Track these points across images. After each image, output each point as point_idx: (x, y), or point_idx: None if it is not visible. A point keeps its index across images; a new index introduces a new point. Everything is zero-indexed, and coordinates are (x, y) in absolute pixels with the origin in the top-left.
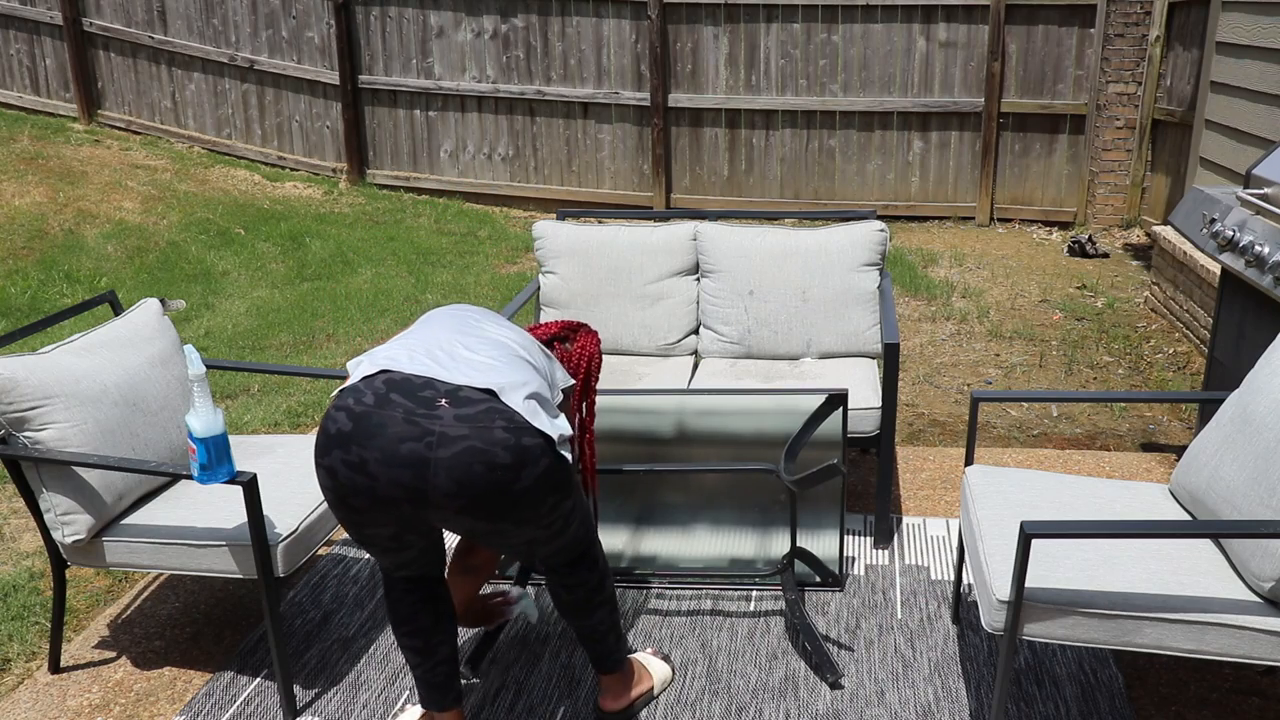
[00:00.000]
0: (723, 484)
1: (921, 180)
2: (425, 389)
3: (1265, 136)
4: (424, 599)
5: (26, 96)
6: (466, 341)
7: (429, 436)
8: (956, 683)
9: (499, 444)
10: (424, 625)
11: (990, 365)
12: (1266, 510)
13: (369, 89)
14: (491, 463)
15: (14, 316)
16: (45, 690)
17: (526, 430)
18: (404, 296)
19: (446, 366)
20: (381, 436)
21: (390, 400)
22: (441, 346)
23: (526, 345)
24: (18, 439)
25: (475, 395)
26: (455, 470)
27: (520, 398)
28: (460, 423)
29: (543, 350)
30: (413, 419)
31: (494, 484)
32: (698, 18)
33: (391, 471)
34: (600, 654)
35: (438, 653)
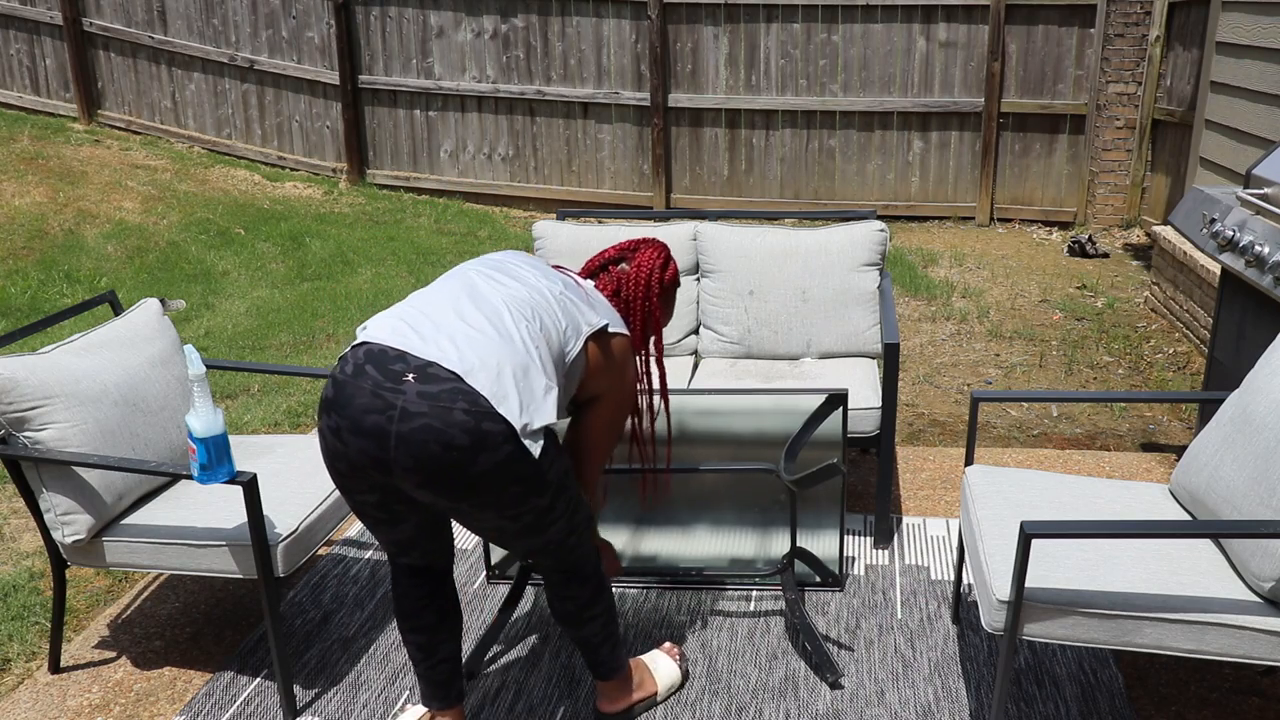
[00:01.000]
0: (723, 484)
1: (921, 180)
2: (397, 362)
3: (1265, 136)
4: (429, 595)
5: (26, 96)
6: (462, 307)
7: (391, 410)
8: (956, 683)
9: (457, 425)
10: (428, 622)
11: (990, 365)
12: (1266, 510)
13: (369, 89)
14: (448, 444)
15: (14, 316)
16: (45, 690)
17: (489, 415)
18: (404, 296)
19: (427, 338)
20: (351, 406)
21: (364, 372)
22: (431, 315)
23: (538, 303)
24: (18, 439)
25: (443, 374)
26: (412, 446)
27: (490, 379)
28: (422, 399)
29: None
30: (379, 392)
31: (450, 464)
32: (698, 18)
33: (358, 440)
34: (593, 661)
35: (440, 650)
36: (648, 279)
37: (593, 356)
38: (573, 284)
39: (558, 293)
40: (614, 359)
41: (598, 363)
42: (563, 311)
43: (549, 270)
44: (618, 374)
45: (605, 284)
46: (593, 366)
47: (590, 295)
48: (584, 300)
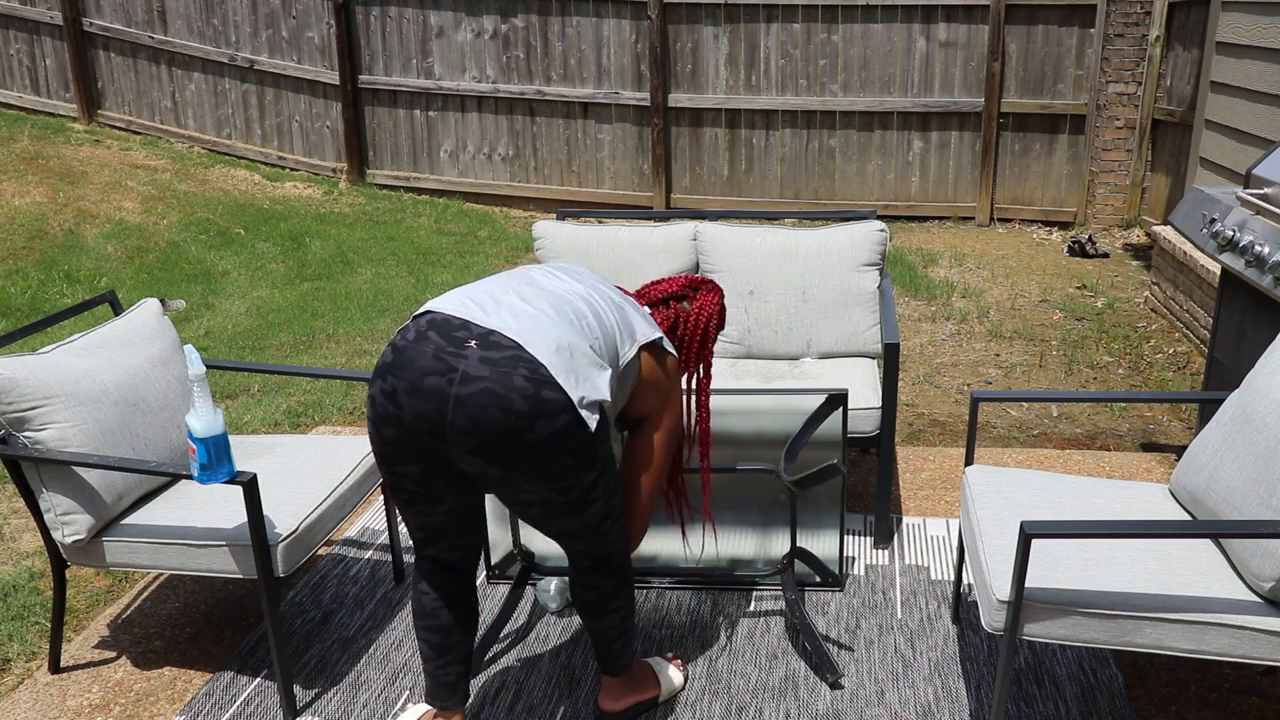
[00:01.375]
0: (723, 484)
1: (921, 180)
2: (460, 330)
3: (1265, 136)
4: (450, 596)
5: (26, 96)
6: (523, 291)
7: (452, 373)
8: (956, 683)
9: (516, 391)
10: (445, 622)
11: (990, 365)
12: (1266, 510)
13: (369, 89)
14: (507, 408)
15: (14, 316)
16: (45, 690)
17: (548, 383)
18: (404, 296)
19: (489, 311)
20: (411, 368)
21: (426, 337)
22: (494, 293)
23: (596, 301)
24: (18, 439)
25: (505, 341)
26: (471, 409)
27: (550, 350)
28: (483, 364)
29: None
30: (441, 355)
31: (507, 429)
32: (698, 18)
33: (414, 402)
34: (605, 655)
35: (453, 652)
36: (706, 323)
37: (646, 367)
38: (632, 300)
39: (616, 298)
40: (666, 375)
41: (650, 375)
42: (619, 315)
43: (609, 284)
44: (667, 394)
45: (664, 317)
46: (645, 377)
47: (645, 314)
48: (639, 313)
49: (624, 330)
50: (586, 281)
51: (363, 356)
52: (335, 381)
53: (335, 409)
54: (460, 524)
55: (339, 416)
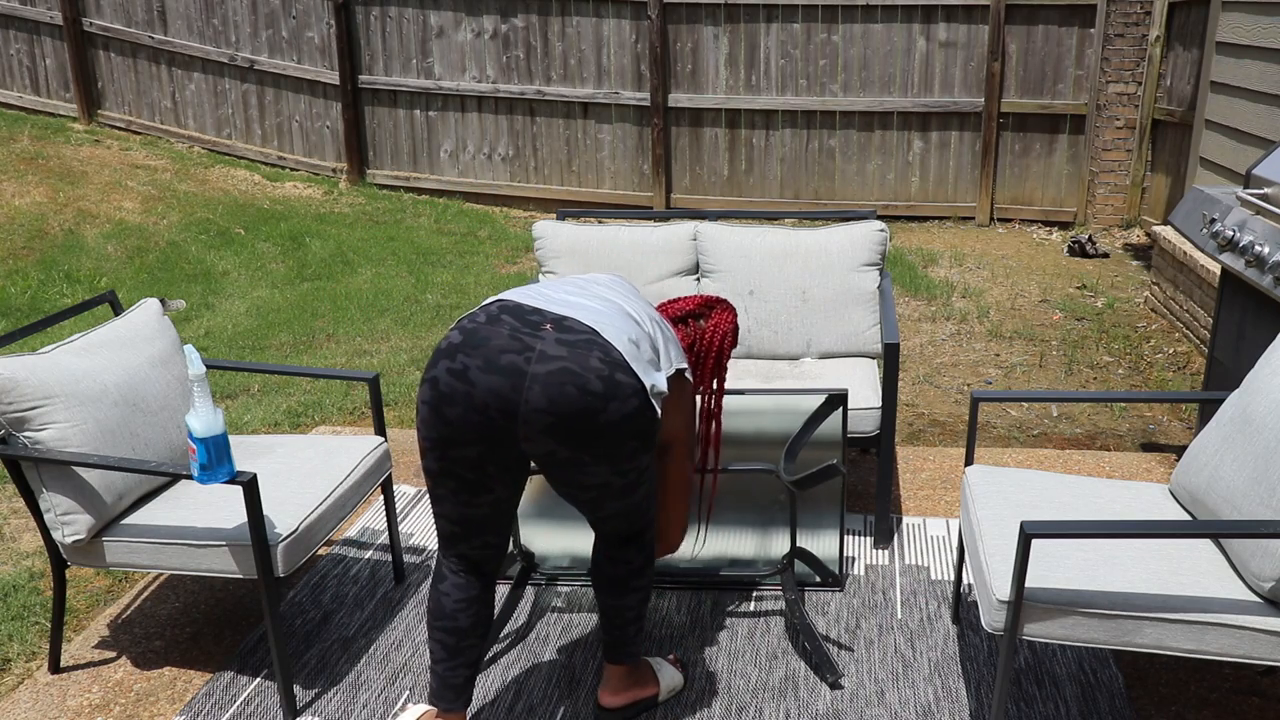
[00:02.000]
0: (723, 484)
1: (921, 180)
2: (533, 314)
3: (1265, 136)
4: (470, 600)
5: (26, 96)
6: (589, 290)
7: (529, 351)
8: (956, 683)
9: (593, 371)
10: (462, 625)
11: (990, 365)
12: (1266, 510)
13: (369, 89)
14: (583, 387)
15: (14, 316)
16: (45, 690)
17: (622, 367)
18: (404, 296)
19: (557, 303)
20: (486, 346)
21: (500, 319)
22: (557, 292)
23: (644, 315)
24: (18, 439)
25: (579, 326)
26: (549, 387)
27: (624, 340)
28: (560, 345)
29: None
30: (517, 335)
31: (583, 408)
32: (698, 18)
33: (489, 378)
34: (616, 640)
35: (464, 655)
36: (721, 340)
37: (674, 391)
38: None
39: (657, 319)
40: (687, 399)
41: (674, 399)
42: (663, 336)
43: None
44: (688, 415)
45: (682, 335)
46: (670, 402)
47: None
48: (673, 340)
49: (663, 352)
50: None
51: (363, 356)
52: (335, 381)
53: (335, 409)
54: (498, 519)
55: (339, 416)
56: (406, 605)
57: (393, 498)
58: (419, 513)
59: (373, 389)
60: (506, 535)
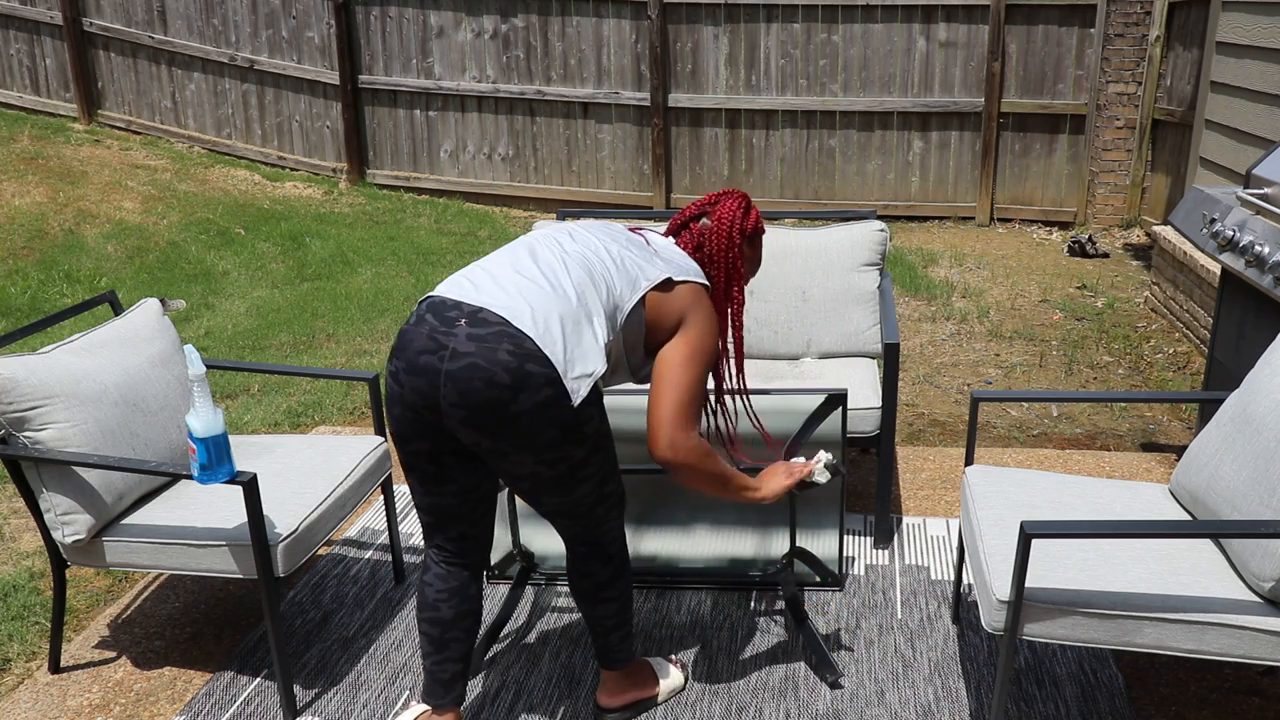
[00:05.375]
0: None
1: (921, 180)
2: (452, 310)
3: (1265, 136)
4: (452, 591)
5: (26, 96)
6: (520, 264)
7: (442, 350)
8: (956, 683)
9: (500, 365)
10: (444, 617)
11: (990, 365)
12: (1266, 510)
13: (369, 89)
14: (490, 380)
15: (14, 316)
16: (45, 690)
17: (533, 357)
18: (404, 296)
19: (482, 289)
20: (410, 349)
21: (424, 319)
22: (491, 270)
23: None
24: (18, 439)
25: (492, 318)
26: (459, 383)
27: (539, 323)
28: (470, 341)
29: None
30: (434, 335)
31: (491, 400)
32: (698, 18)
33: (412, 379)
34: (602, 647)
35: (450, 649)
36: (729, 230)
37: (651, 308)
38: (640, 242)
39: (615, 251)
40: (677, 304)
41: (658, 311)
42: (619, 269)
43: (616, 232)
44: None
45: (687, 241)
46: (652, 318)
47: (660, 251)
48: (646, 258)
49: (625, 285)
50: (586, 243)
51: (363, 356)
52: (335, 381)
53: (335, 409)
54: (469, 510)
55: (339, 416)
56: (406, 605)
57: (393, 498)
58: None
59: (373, 389)
60: (483, 528)
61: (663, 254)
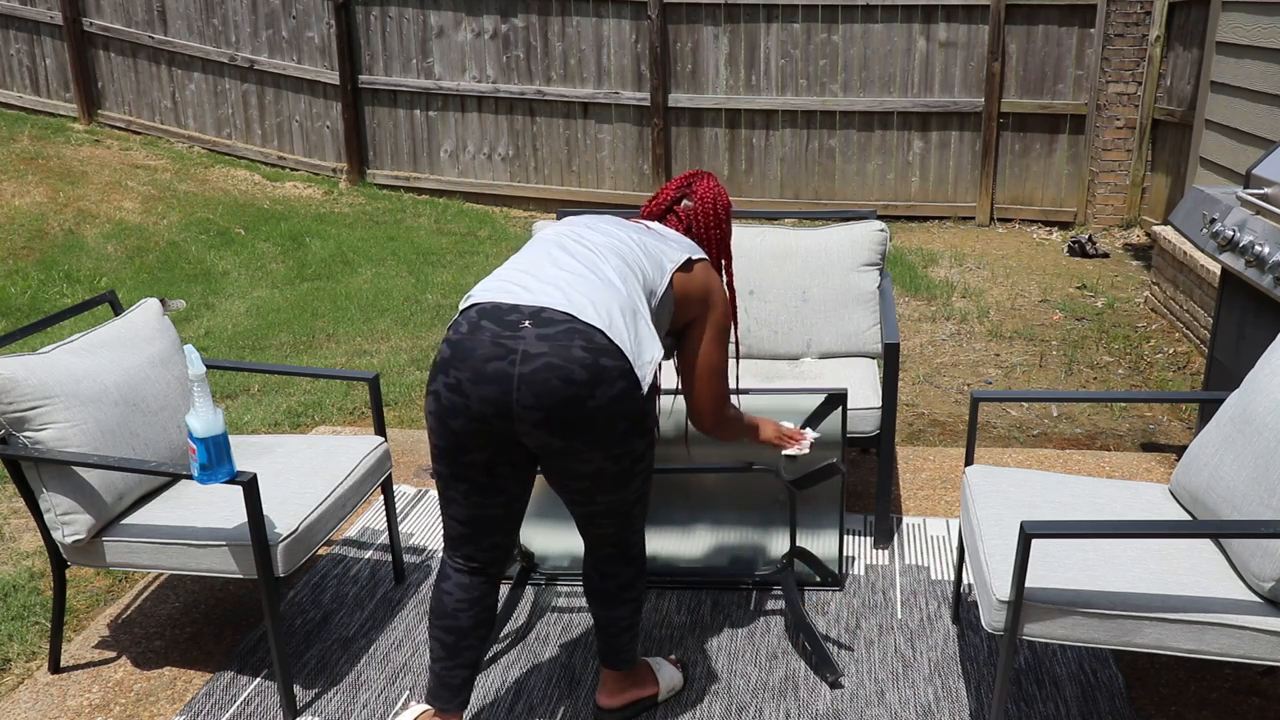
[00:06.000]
0: (723, 484)
1: (921, 180)
2: (511, 313)
3: (1265, 136)
4: (472, 601)
5: (26, 96)
6: (557, 259)
7: (512, 355)
8: (956, 683)
9: (576, 361)
10: (463, 625)
11: (990, 365)
12: (1266, 510)
13: (369, 89)
14: (568, 378)
15: (14, 316)
16: (45, 690)
17: (605, 351)
18: (404, 296)
19: (533, 289)
20: (472, 358)
21: (480, 326)
22: (531, 269)
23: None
24: (18, 439)
25: (557, 316)
26: (535, 384)
27: (602, 316)
28: (541, 341)
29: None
30: (499, 340)
31: (569, 398)
32: (698, 18)
33: (480, 388)
34: (610, 648)
35: (463, 655)
36: (714, 208)
37: (679, 288)
38: (645, 228)
39: (636, 238)
40: (699, 282)
41: (685, 291)
42: (645, 254)
43: (622, 222)
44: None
45: (675, 224)
46: (680, 297)
47: (665, 235)
48: (660, 241)
49: (654, 267)
50: (609, 233)
51: (362, 356)
52: (335, 381)
53: (335, 409)
54: (509, 520)
55: (339, 416)
56: (406, 605)
57: (393, 498)
58: (419, 513)
59: (373, 389)
60: (514, 537)
61: (669, 237)
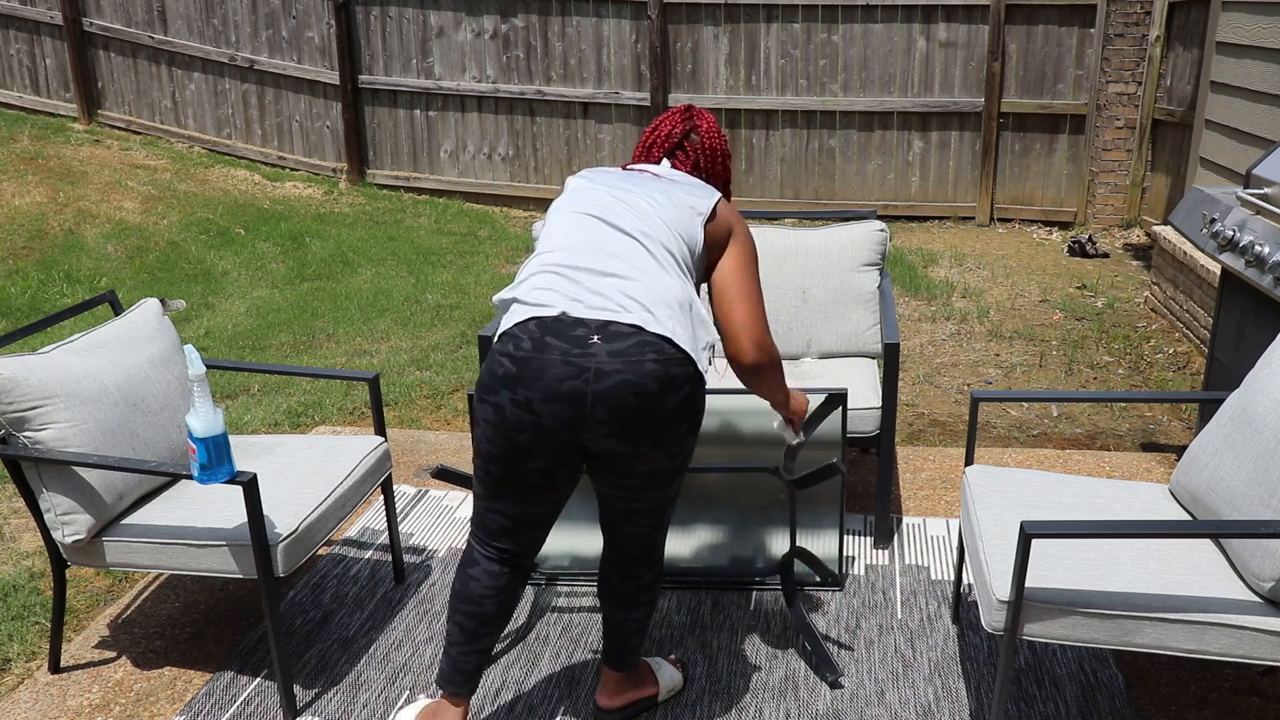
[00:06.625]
0: (723, 484)
1: (921, 180)
2: (577, 328)
3: (1265, 136)
4: (499, 590)
5: (26, 96)
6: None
7: (585, 373)
8: (956, 683)
9: (649, 375)
10: (487, 612)
11: (990, 365)
12: (1266, 510)
13: (369, 89)
14: (641, 392)
15: (14, 316)
16: (45, 690)
17: (674, 360)
18: (404, 296)
19: (590, 304)
20: (544, 378)
21: (546, 344)
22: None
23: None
24: (18, 439)
25: (624, 329)
26: (609, 400)
27: (663, 319)
28: (613, 358)
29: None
30: (570, 359)
31: (641, 410)
32: (698, 18)
33: (553, 408)
34: (618, 649)
35: (481, 641)
36: (720, 143)
37: (709, 236)
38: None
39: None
40: (724, 222)
41: (714, 238)
42: (677, 208)
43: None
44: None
45: (683, 162)
46: (711, 244)
47: (680, 182)
48: (682, 190)
49: (687, 219)
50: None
51: (363, 356)
52: (335, 381)
53: (335, 409)
54: (553, 515)
55: (339, 416)
56: (406, 605)
57: (393, 498)
58: (419, 513)
59: (373, 389)
60: (550, 528)
61: (684, 183)
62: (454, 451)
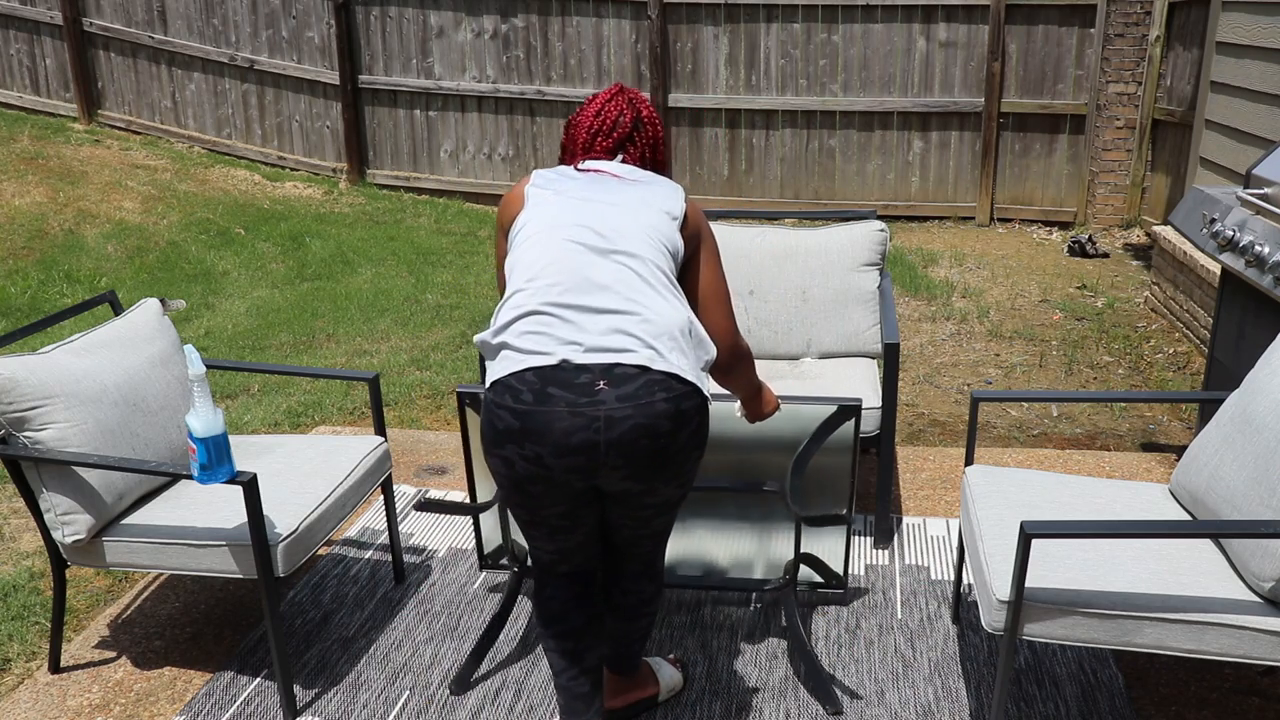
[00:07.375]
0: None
1: (921, 180)
2: (580, 375)
3: (1265, 136)
4: (577, 597)
5: (26, 96)
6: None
7: (596, 423)
8: (956, 683)
9: (661, 415)
10: (576, 625)
11: (990, 365)
12: (1266, 510)
13: (369, 89)
14: (655, 433)
15: (14, 316)
16: (45, 690)
17: (683, 395)
18: (404, 296)
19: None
20: (551, 432)
21: (550, 395)
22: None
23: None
24: (18, 439)
25: (629, 371)
26: (624, 447)
27: (666, 352)
28: (623, 402)
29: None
30: (578, 410)
31: (655, 450)
32: (698, 18)
33: (566, 461)
34: (620, 655)
35: (586, 658)
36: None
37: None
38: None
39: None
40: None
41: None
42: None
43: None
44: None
45: (633, 155)
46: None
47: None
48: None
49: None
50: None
51: (362, 356)
52: (335, 381)
53: (335, 409)
54: (592, 539)
55: (339, 416)
56: (406, 605)
57: (393, 498)
58: (419, 513)
59: (373, 389)
60: (599, 545)
61: (642, 178)
62: (454, 451)
